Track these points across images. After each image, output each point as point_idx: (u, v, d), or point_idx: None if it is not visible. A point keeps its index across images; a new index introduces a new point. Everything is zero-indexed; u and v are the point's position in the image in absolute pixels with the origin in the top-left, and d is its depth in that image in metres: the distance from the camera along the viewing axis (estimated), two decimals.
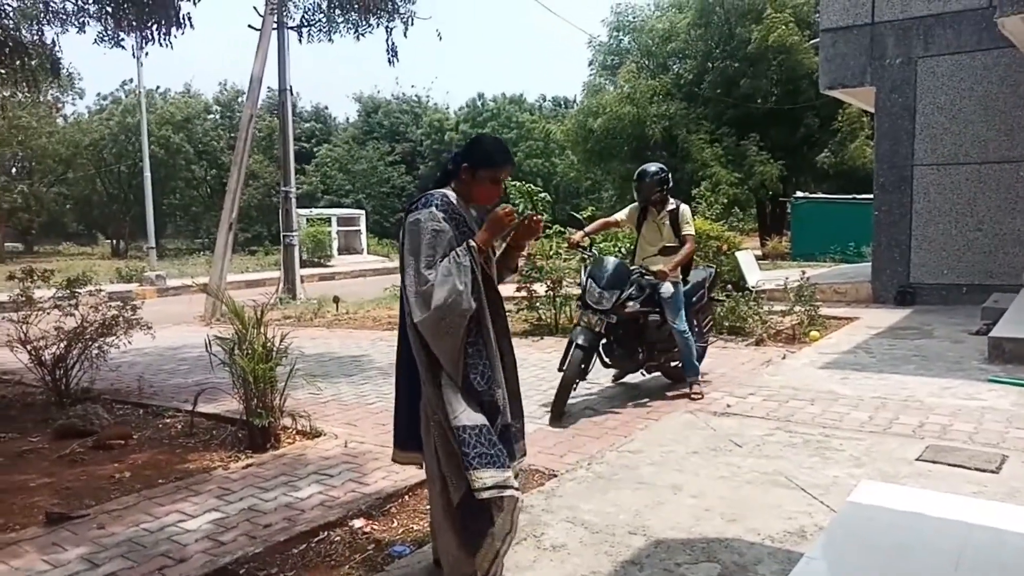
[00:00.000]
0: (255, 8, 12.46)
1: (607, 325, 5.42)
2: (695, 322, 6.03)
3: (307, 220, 23.20)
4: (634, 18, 25.77)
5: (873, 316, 8.97)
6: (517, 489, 2.68)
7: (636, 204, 5.82)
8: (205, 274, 14.86)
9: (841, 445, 4.31)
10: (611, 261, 5.58)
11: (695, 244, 5.51)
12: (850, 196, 18.94)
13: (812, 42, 20.52)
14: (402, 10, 8.20)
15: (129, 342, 6.34)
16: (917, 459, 4.03)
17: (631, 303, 5.51)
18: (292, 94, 14.70)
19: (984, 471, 3.82)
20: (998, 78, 8.90)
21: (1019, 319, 6.97)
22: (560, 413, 5.13)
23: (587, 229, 5.89)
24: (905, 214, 9.74)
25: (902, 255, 9.82)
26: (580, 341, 5.25)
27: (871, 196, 10.33)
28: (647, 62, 23.94)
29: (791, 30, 20.13)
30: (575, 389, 5.36)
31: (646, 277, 5.62)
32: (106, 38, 7.25)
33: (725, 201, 17.55)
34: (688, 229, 5.58)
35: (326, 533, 3.46)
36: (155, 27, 6.76)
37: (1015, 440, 4.28)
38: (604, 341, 5.55)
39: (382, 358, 7.72)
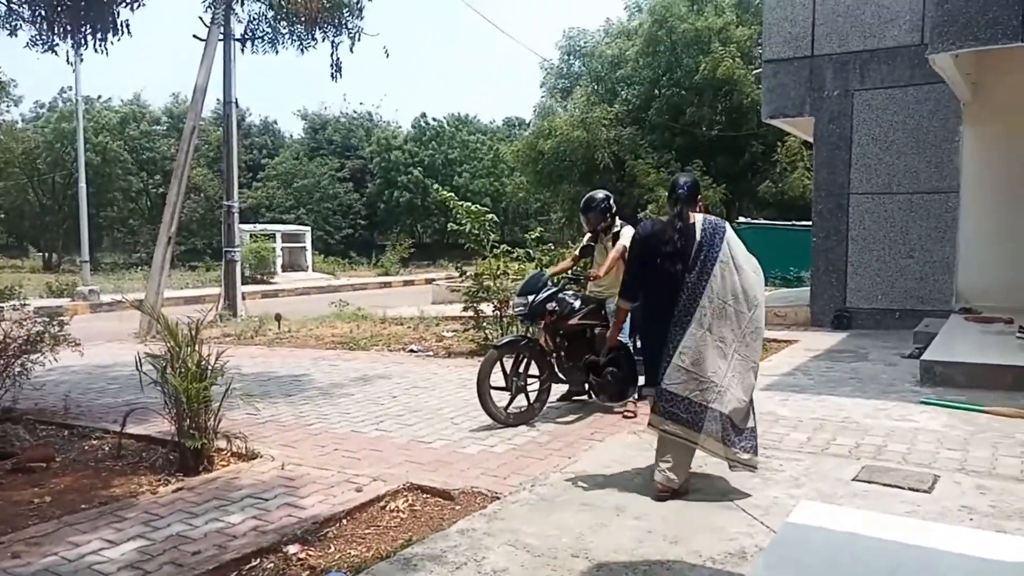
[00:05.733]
0: (200, 18, 12.22)
1: (557, 339, 5.67)
2: None
3: (251, 236, 22.75)
4: (585, 43, 26.25)
5: (811, 339, 9.18)
6: None
7: (587, 236, 6.02)
8: (142, 289, 14.37)
9: (781, 466, 4.36)
10: (530, 274, 6.07)
11: (623, 252, 5.56)
12: (789, 223, 19.50)
13: (755, 72, 21.25)
14: (349, 25, 8.14)
15: (55, 359, 6.04)
16: (853, 479, 4.09)
17: (576, 316, 5.72)
18: (238, 107, 14.44)
19: (917, 491, 3.90)
20: (928, 112, 9.31)
21: (948, 343, 7.22)
22: (492, 414, 5.33)
23: (550, 272, 6.14)
24: (842, 240, 10.04)
25: (839, 280, 10.11)
26: (495, 343, 5.75)
27: (809, 223, 10.65)
28: (597, 87, 24.36)
29: (737, 64, 20.78)
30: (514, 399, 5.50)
31: (591, 292, 5.92)
32: (39, 42, 6.98)
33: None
34: (622, 240, 5.63)
35: (258, 560, 3.33)
36: (90, 32, 6.54)
37: (946, 460, 4.40)
38: (556, 355, 5.70)
39: (323, 378, 7.55)
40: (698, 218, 3.94)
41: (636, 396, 5.71)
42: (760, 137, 21.65)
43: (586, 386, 6.01)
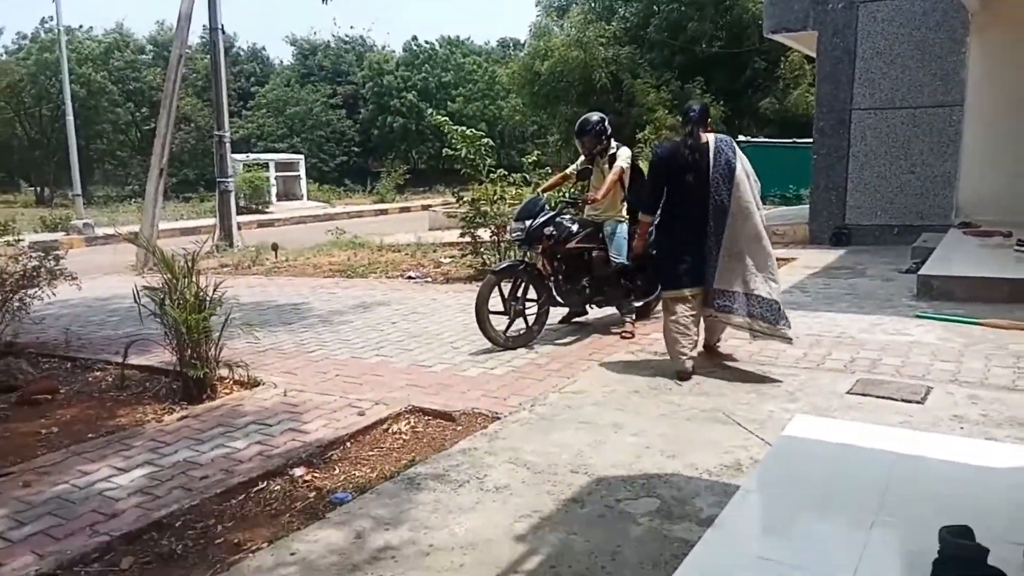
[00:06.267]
0: None
1: (555, 263, 5.69)
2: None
3: (244, 166, 22.45)
4: None
5: (810, 256, 9.17)
6: None
7: (581, 159, 5.96)
8: (136, 222, 14.29)
9: (777, 381, 4.42)
10: (527, 199, 6.08)
11: (621, 173, 5.58)
12: (790, 140, 19.20)
13: None
14: None
15: (54, 294, 6.06)
16: (848, 392, 4.15)
17: (573, 240, 5.71)
18: (225, 33, 14.00)
19: (910, 402, 3.97)
20: (935, 23, 9.02)
21: (946, 257, 7.22)
22: (491, 338, 5.37)
23: (544, 187, 6.16)
24: (842, 157, 9.91)
25: (838, 197, 10.03)
26: (492, 268, 5.84)
27: (810, 140, 10.48)
28: (594, 5, 23.60)
29: None
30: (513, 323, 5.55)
31: (588, 215, 5.89)
32: None
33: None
34: (619, 162, 5.62)
35: (265, 483, 3.41)
36: None
37: (939, 372, 4.45)
38: (553, 279, 5.73)
39: (323, 306, 7.58)
40: (710, 137, 4.49)
41: (634, 317, 5.80)
42: (763, 53, 21.08)
43: (587, 307, 6.09)
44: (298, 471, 3.52)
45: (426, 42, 40.04)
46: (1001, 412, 3.78)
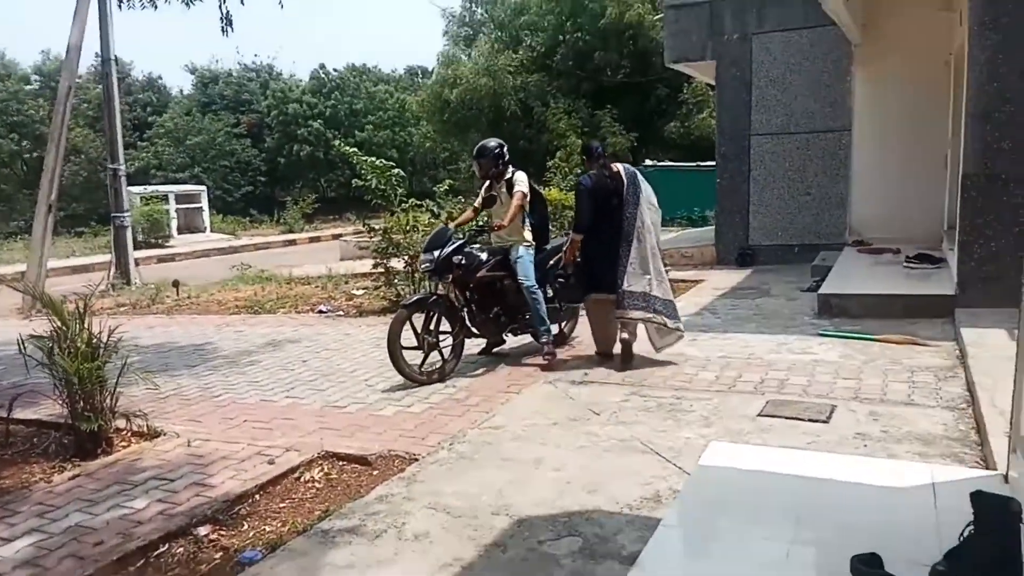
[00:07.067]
0: None
1: (467, 293, 5.70)
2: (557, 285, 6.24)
3: (141, 198, 21.45)
4: None
5: (717, 278, 9.48)
6: None
7: (484, 185, 6.01)
8: (23, 260, 13.38)
9: (691, 406, 4.50)
10: (436, 228, 6.22)
11: (523, 199, 5.71)
12: (694, 164, 19.93)
13: (657, 17, 21.34)
14: None
15: None
16: (759, 415, 4.26)
17: (483, 268, 5.73)
18: (119, 64, 13.39)
19: (816, 421, 4.11)
20: (822, 54, 9.59)
21: (843, 276, 7.59)
22: (406, 374, 5.29)
23: (455, 224, 6.17)
24: (744, 180, 10.33)
25: (742, 219, 10.44)
26: (403, 302, 5.77)
27: (714, 163, 10.91)
28: (501, 34, 23.93)
29: (646, 8, 20.83)
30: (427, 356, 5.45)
31: (495, 243, 6.00)
32: None
33: (580, 171, 17.98)
34: (517, 187, 5.72)
35: (167, 546, 3.18)
36: None
37: (842, 390, 4.64)
38: (467, 309, 5.71)
39: (229, 345, 7.26)
40: (620, 167, 5.53)
41: (552, 344, 5.81)
42: (666, 80, 21.88)
43: (503, 335, 6.07)
44: (203, 530, 3.31)
45: (335, 70, 39.62)
46: (900, 428, 3.95)
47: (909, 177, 9.38)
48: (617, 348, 5.60)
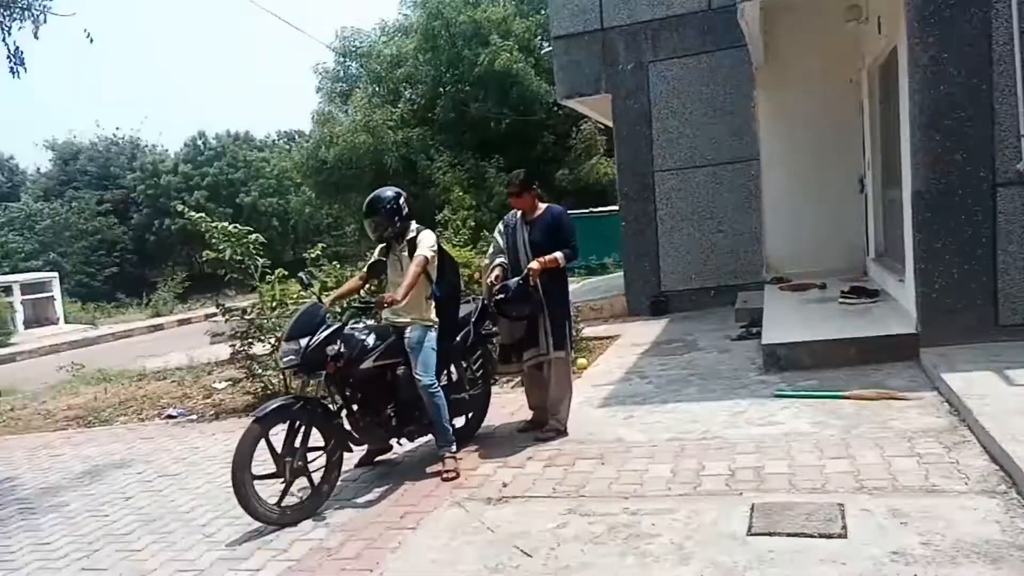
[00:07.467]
0: None
1: (347, 391, 4.31)
2: (465, 365, 4.94)
3: None
4: (360, 43, 24.61)
5: (634, 331, 8.45)
6: None
7: (379, 248, 4.68)
8: None
9: (654, 526, 3.28)
10: (303, 308, 4.53)
11: (424, 264, 4.40)
12: (587, 211, 19.32)
13: (545, 50, 20.89)
14: (22, 2, 5.96)
15: None
16: (750, 533, 3.09)
17: (369, 358, 4.31)
18: None
19: (830, 536, 2.98)
20: (723, 79, 8.90)
21: (778, 320, 6.69)
22: (259, 516, 3.84)
23: (332, 296, 4.72)
24: (650, 222, 9.47)
25: (652, 264, 9.54)
26: (256, 412, 4.05)
27: (608, 209, 10.01)
28: (378, 88, 22.88)
29: (516, 57, 20.30)
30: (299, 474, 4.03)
31: (385, 321, 4.57)
32: None
33: (473, 224, 16.90)
34: (421, 249, 4.41)
35: None
36: None
37: (838, 477, 3.56)
38: (347, 412, 4.34)
39: (34, 479, 5.52)
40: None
41: (455, 449, 4.49)
42: (550, 127, 21.38)
43: (392, 443, 4.69)
44: None
45: (214, 137, 37.47)
46: (943, 534, 2.88)
47: (823, 204, 8.79)
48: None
